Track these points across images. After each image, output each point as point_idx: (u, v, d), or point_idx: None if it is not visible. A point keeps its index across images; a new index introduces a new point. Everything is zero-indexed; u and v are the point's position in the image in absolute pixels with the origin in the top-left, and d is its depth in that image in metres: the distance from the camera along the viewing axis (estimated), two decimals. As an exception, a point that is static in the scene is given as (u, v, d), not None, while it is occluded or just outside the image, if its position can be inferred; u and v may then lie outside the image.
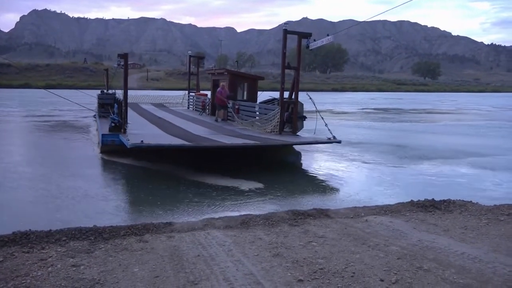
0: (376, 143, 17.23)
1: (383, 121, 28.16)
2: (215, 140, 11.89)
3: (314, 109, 13.28)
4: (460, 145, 16.77)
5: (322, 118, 12.61)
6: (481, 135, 20.89)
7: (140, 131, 12.86)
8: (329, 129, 12.15)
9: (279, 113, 13.41)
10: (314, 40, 13.30)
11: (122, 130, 12.40)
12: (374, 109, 41.85)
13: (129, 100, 27.48)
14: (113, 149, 12.43)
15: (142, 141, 10.18)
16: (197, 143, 11.20)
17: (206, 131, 14.03)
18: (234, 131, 14.15)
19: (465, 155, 14.36)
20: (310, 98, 13.19)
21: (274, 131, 13.45)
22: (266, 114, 14.51)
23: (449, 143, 17.50)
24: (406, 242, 5.05)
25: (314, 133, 13.33)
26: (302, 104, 13.90)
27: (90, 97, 22.19)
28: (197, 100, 23.90)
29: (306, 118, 13.89)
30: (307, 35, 13.45)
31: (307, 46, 13.35)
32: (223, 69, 21.50)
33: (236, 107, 17.10)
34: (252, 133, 13.69)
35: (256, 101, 17.59)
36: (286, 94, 13.88)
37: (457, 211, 6.53)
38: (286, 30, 13.43)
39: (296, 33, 13.75)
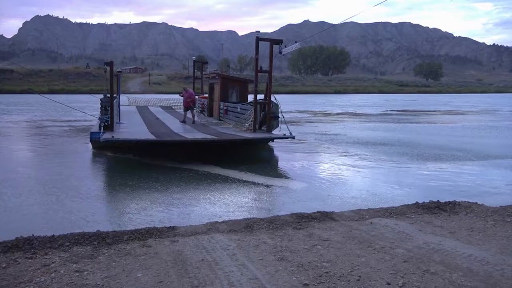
0: (390, 144, 16.88)
1: (406, 123, 27.75)
2: (181, 135, 13.59)
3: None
4: (487, 146, 16.55)
5: (283, 116, 14.31)
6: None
7: (128, 129, 14.71)
8: (287, 127, 13.76)
9: (252, 113, 14.79)
10: (285, 46, 14.23)
11: (102, 128, 13.96)
12: (398, 110, 41.47)
13: (140, 104, 29.63)
14: (107, 145, 13.70)
15: (112, 136, 12.10)
16: (160, 138, 12.84)
17: (186, 129, 15.61)
18: (213, 129, 15.52)
19: (488, 157, 14.16)
20: (276, 99, 14.60)
21: (249, 129, 14.80)
22: (244, 114, 15.99)
23: (479, 144, 17.29)
24: (412, 245, 4.99)
25: (280, 130, 14.46)
26: (277, 105, 14.90)
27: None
28: (199, 103, 25.03)
29: (279, 117, 14.81)
30: (279, 42, 14.46)
31: (280, 52, 14.34)
32: (214, 73, 22.97)
33: (225, 108, 18.56)
34: (227, 131, 15.00)
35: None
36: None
37: (463, 212, 6.47)
38: (258, 37, 14.67)
39: (268, 40, 14.71)
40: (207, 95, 25.57)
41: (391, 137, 19.35)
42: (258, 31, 14.95)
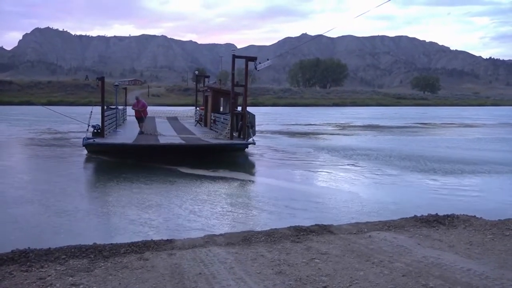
0: (398, 156, 16.72)
1: (426, 135, 27.88)
2: (157, 141, 15.18)
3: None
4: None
5: (253, 127, 15.99)
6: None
7: (117, 136, 16.65)
8: (252, 136, 15.46)
9: (229, 123, 16.30)
10: (260, 63, 15.55)
11: (87, 134, 15.10)
12: (418, 123, 41.82)
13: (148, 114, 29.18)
14: (101, 150, 14.93)
15: (94, 140, 14.07)
16: (134, 143, 14.54)
17: (167, 136, 17.17)
18: (193, 136, 17.28)
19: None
20: (249, 112, 15.89)
21: (226, 137, 16.29)
22: (224, 123, 17.58)
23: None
24: (411, 259, 4.96)
25: (246, 139, 15.72)
26: (253, 115, 16.17)
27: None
28: (198, 114, 27.47)
29: (253, 127, 16.11)
30: (253, 59, 15.79)
31: (255, 68, 15.56)
32: (206, 87, 25.16)
33: (213, 118, 20.59)
34: (206, 139, 16.43)
35: None
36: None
37: (462, 226, 6.45)
38: (234, 55, 16.30)
39: (244, 57, 16.14)
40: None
41: (422, 150, 19.25)
42: (234, 49, 16.94)
